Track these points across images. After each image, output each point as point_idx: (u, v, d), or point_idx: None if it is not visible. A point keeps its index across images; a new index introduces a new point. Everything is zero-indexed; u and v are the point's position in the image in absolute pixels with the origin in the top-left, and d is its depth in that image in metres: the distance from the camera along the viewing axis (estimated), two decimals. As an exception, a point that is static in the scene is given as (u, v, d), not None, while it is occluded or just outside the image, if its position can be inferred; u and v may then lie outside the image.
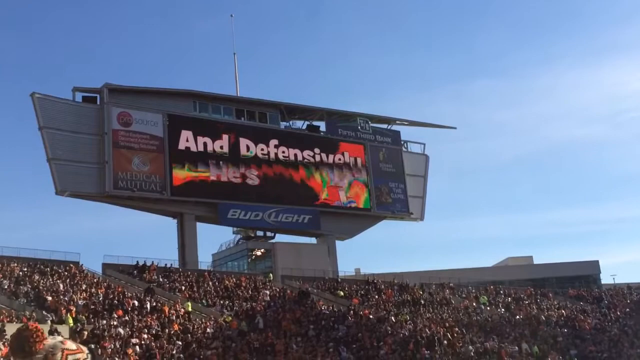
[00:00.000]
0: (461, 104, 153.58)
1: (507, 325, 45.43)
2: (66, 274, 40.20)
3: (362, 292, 51.22)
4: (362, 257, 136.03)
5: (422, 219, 65.71)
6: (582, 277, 73.84)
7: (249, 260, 62.13)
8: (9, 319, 30.52)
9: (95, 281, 40.95)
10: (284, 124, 61.41)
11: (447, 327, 41.43)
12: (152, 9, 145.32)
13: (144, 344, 30.85)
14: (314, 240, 62.17)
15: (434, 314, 47.16)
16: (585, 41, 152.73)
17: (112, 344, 29.77)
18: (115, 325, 32.41)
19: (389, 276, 57.81)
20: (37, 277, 38.09)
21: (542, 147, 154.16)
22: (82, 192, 49.13)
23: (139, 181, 50.24)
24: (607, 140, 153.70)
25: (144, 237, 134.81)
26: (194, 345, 32.88)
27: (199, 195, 53.25)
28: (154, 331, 33.10)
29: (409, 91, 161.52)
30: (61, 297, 35.48)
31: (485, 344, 39.77)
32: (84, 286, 38.70)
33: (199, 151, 53.88)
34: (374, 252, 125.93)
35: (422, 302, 49.77)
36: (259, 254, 62.12)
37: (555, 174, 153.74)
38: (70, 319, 32.18)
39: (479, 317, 47.15)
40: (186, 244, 52.44)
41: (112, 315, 33.98)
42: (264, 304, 42.60)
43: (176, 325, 35.13)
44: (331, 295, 49.68)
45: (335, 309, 43.65)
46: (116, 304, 35.81)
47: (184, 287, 43.56)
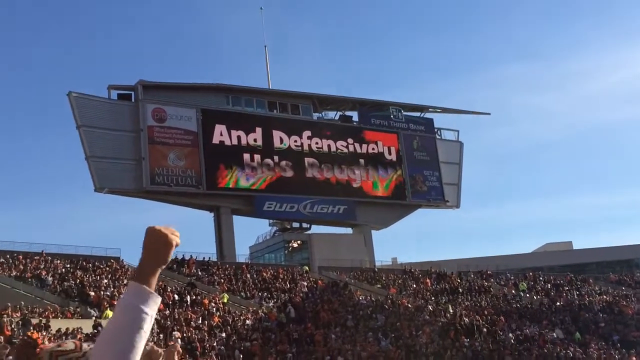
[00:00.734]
0: (495, 89, 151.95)
1: (547, 312, 44.97)
2: (108, 269, 40.95)
3: (400, 281, 51.15)
4: (399, 247, 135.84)
5: (458, 206, 65.31)
6: (623, 262, 72.50)
7: (286, 252, 62.48)
8: (54, 315, 31.26)
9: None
10: (316, 115, 61.50)
11: (487, 315, 41.18)
12: (182, 5, 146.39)
13: (185, 337, 31.29)
14: (349, 230, 62.25)
15: (472, 302, 46.89)
16: (621, 22, 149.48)
17: (154, 338, 30.25)
18: (156, 318, 32.91)
19: (426, 265, 57.63)
20: (80, 273, 38.87)
21: (581, 130, 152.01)
22: (120, 188, 49.92)
23: (175, 176, 50.84)
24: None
25: (182, 231, 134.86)
26: (234, 337, 33.24)
27: (235, 188, 53.69)
28: (194, 324, 33.55)
29: (442, 78, 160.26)
30: (103, 292, 36.18)
31: (525, 331, 39.45)
32: (125, 281, 39.37)
33: (233, 145, 54.28)
34: (410, 241, 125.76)
35: (460, 290, 49.51)
36: (295, 245, 62.43)
37: (593, 157, 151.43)
38: (111, 314, 32.77)
39: (518, 305, 46.74)
40: (223, 237, 53.00)
41: (154, 309, 34.50)
42: (301, 295, 42.84)
43: (216, 317, 35.54)
44: (368, 285, 49.73)
45: (372, 298, 43.68)
46: (157, 297, 36.37)
47: (222, 280, 44.03)
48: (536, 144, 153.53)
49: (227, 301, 39.22)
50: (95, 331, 27.60)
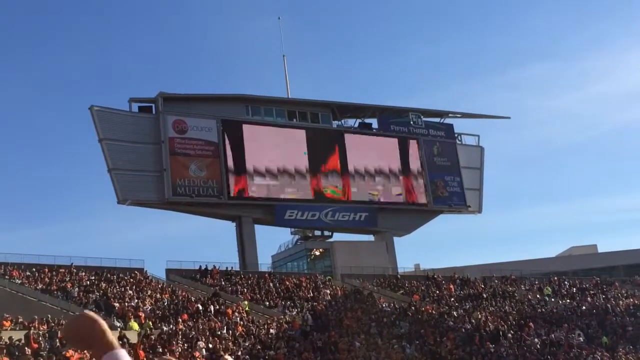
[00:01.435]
0: (514, 91, 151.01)
1: (572, 316, 44.51)
2: (132, 280, 41.25)
3: (423, 287, 50.94)
4: (421, 253, 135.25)
5: (480, 211, 65.00)
6: (650, 265, 71.52)
7: (308, 260, 62.49)
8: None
9: (159, 287, 41.90)
10: (336, 123, 61.58)
11: (511, 320, 40.85)
12: (200, 17, 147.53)
13: (210, 346, 31.42)
14: (371, 237, 62.15)
15: (497, 307, 46.56)
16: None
17: (179, 348, 30.41)
18: (181, 329, 33.10)
19: (449, 271, 57.35)
20: (105, 285, 39.21)
21: (603, 130, 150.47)
22: (142, 200, 50.33)
23: (197, 187, 51.16)
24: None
25: (205, 241, 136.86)
26: (259, 346, 33.31)
27: (256, 197, 53.89)
28: (219, 333, 33.68)
29: (461, 81, 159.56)
30: (127, 303, 36.44)
31: (550, 335, 39.09)
32: (149, 292, 39.66)
33: (253, 154, 54.51)
34: (432, 247, 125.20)
35: (485, 295, 49.18)
36: (317, 253, 62.43)
37: (617, 158, 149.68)
38: (135, 325, 33.00)
39: (543, 309, 46.32)
40: (245, 246, 53.18)
41: (178, 319, 34.72)
42: (325, 303, 42.83)
43: (240, 327, 35.65)
44: (391, 292, 49.59)
45: (396, 305, 43.55)
46: (181, 308, 36.59)
47: (245, 290, 44.17)
48: (558, 146, 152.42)
49: (248, 309, 39.34)
50: (120, 342, 27.78)
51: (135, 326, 32.90)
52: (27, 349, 26.19)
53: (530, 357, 35.47)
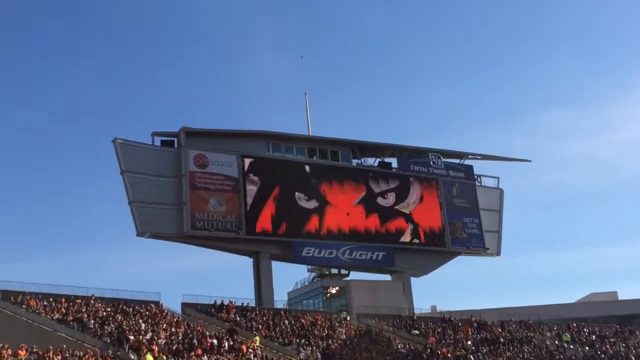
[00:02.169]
0: (535, 135, 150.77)
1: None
2: (147, 313, 41.27)
3: (439, 330, 50.38)
4: (438, 294, 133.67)
5: (498, 254, 64.49)
6: (671, 313, 70.22)
7: (324, 298, 62.14)
8: (94, 359, 31.55)
9: (175, 320, 41.85)
10: (355, 162, 61.75)
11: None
12: (224, 54, 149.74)
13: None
14: (388, 277, 61.75)
15: (514, 352, 45.87)
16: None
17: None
18: (194, 364, 32.94)
19: (466, 313, 56.70)
20: (120, 317, 39.25)
21: (623, 177, 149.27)
22: (161, 233, 50.52)
23: (216, 221, 51.37)
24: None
25: (221, 276, 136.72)
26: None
27: (274, 233, 53.94)
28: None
29: (481, 124, 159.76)
30: (142, 336, 36.42)
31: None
32: (164, 325, 39.62)
33: (273, 191, 54.78)
34: (450, 288, 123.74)
35: (502, 340, 48.51)
36: (333, 291, 62.10)
37: (638, 205, 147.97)
38: (150, 358, 32.94)
39: (562, 356, 45.56)
40: (262, 282, 53.04)
41: (191, 354, 34.59)
42: (340, 342, 42.48)
43: (254, 364, 35.43)
44: (407, 333, 49.08)
45: (412, 347, 43.08)
46: (195, 343, 36.45)
47: (260, 326, 43.97)
48: (579, 191, 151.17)
49: (259, 344, 39.10)
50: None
51: (149, 359, 32.85)
52: (41, 379, 26.20)
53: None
